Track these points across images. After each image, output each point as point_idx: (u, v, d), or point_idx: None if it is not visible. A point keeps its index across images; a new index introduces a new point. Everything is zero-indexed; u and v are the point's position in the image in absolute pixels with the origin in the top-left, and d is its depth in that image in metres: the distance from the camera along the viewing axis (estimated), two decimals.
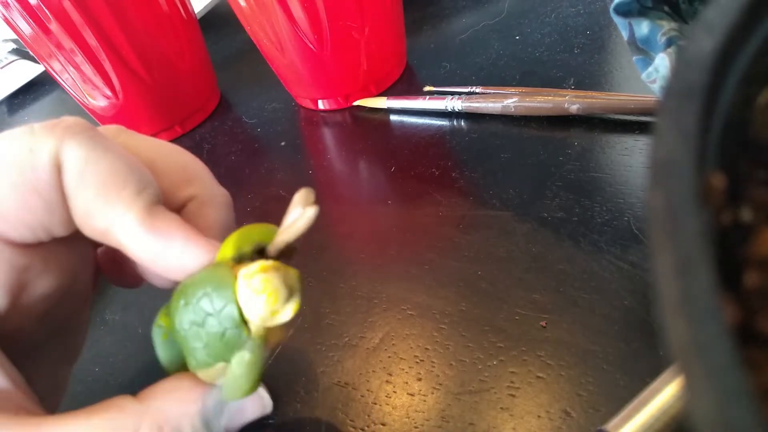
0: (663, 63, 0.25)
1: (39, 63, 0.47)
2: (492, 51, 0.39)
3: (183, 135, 0.43)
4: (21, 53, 0.62)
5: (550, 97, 0.31)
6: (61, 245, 0.18)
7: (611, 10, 0.26)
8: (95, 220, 0.16)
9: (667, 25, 0.25)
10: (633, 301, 0.21)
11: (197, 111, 0.43)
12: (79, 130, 0.16)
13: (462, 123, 0.34)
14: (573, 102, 0.30)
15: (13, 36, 0.42)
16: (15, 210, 0.15)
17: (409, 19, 0.41)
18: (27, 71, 0.60)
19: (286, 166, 0.36)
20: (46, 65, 0.39)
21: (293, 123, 0.40)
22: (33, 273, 0.17)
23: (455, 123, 0.34)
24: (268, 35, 0.36)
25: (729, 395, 0.06)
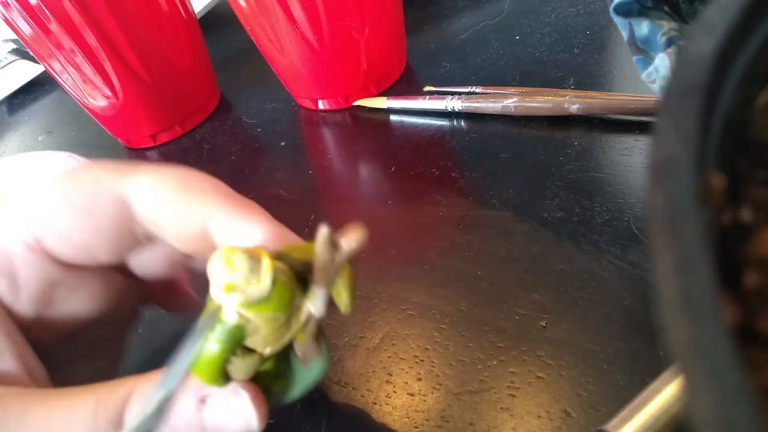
0: (663, 63, 0.25)
1: (39, 63, 0.47)
2: (492, 51, 0.39)
3: (183, 135, 0.43)
4: (21, 53, 0.62)
5: (550, 97, 0.31)
6: (97, 273, 0.18)
7: (611, 10, 0.26)
8: (189, 226, 0.17)
9: (667, 25, 0.25)
10: (633, 301, 0.21)
11: (197, 111, 0.43)
12: (137, 168, 0.17)
13: (462, 123, 0.34)
14: (573, 102, 0.30)
15: (13, 36, 0.42)
16: (67, 228, 0.17)
17: (409, 19, 0.41)
18: (27, 71, 0.60)
19: (286, 166, 0.36)
20: (46, 65, 0.39)
21: (293, 123, 0.40)
22: (63, 290, 0.18)
23: (455, 123, 0.34)
24: (268, 35, 0.36)
25: (729, 395, 0.06)
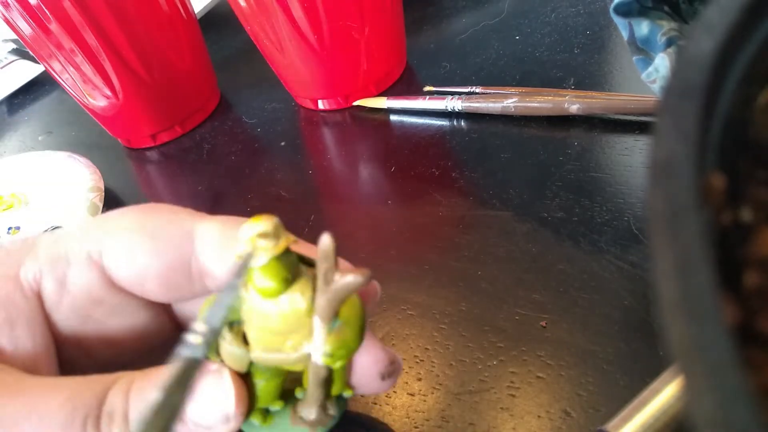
0: (663, 63, 0.25)
1: (39, 63, 0.47)
2: (492, 51, 0.39)
3: (183, 135, 0.43)
4: (21, 53, 0.62)
5: (550, 97, 0.31)
6: (141, 309, 0.19)
7: (611, 10, 0.26)
8: None
9: (667, 25, 0.25)
10: (633, 301, 0.21)
11: (197, 111, 0.43)
12: (211, 215, 0.18)
13: (462, 123, 0.34)
14: (573, 102, 0.30)
15: (13, 36, 0.42)
16: (130, 246, 0.17)
17: (409, 19, 0.41)
18: (27, 71, 0.60)
19: (286, 166, 0.36)
20: (46, 65, 0.39)
21: (293, 123, 0.40)
22: (103, 311, 0.18)
23: (455, 123, 0.34)
24: (268, 35, 0.36)
25: (729, 395, 0.06)
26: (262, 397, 0.17)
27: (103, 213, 0.18)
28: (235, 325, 0.16)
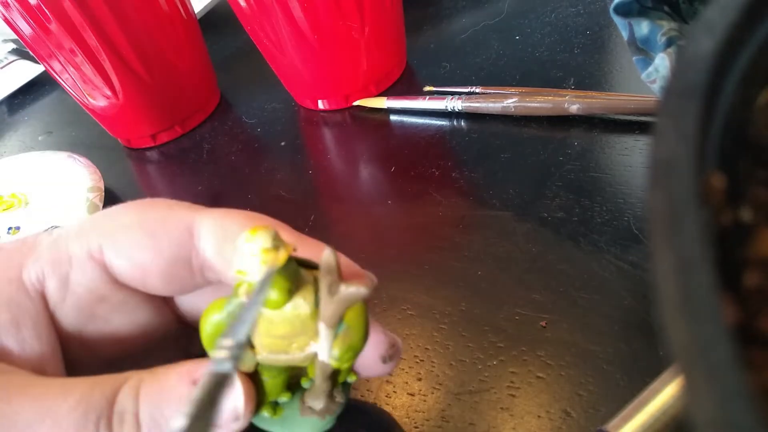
0: (663, 63, 0.25)
1: (39, 63, 0.47)
2: (492, 51, 0.39)
3: (183, 135, 0.43)
4: (21, 53, 0.62)
5: (550, 97, 0.31)
6: (144, 304, 0.19)
7: (611, 10, 0.26)
8: None
9: (667, 25, 0.25)
10: (633, 301, 0.21)
11: (197, 111, 0.43)
12: (208, 208, 0.18)
13: (462, 123, 0.34)
14: (573, 102, 0.30)
15: (13, 36, 0.42)
16: (130, 244, 0.17)
17: (409, 19, 0.41)
18: (27, 71, 0.60)
19: (286, 166, 0.36)
20: (46, 65, 0.39)
21: (293, 123, 0.40)
22: (107, 308, 0.18)
23: (455, 123, 0.34)
24: (268, 35, 0.36)
25: (729, 395, 0.06)
26: (270, 392, 0.17)
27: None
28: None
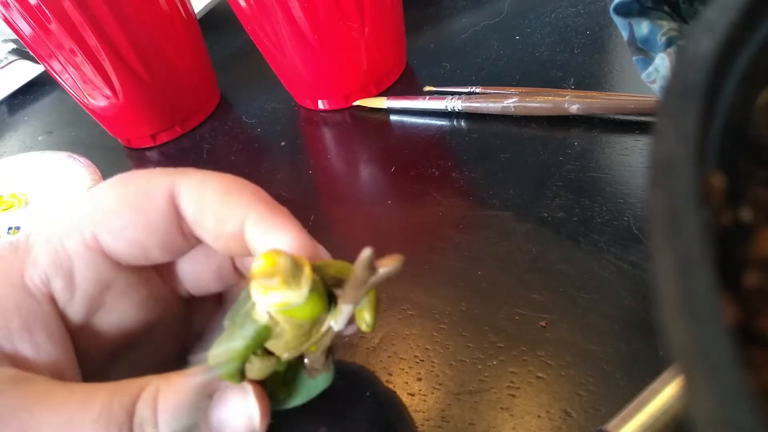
0: (663, 63, 0.25)
1: (39, 63, 0.47)
2: (492, 51, 0.39)
3: (183, 135, 0.43)
4: (21, 53, 0.62)
5: (550, 97, 0.31)
6: (147, 281, 0.19)
7: (611, 10, 0.26)
8: (226, 224, 0.17)
9: (667, 25, 0.25)
10: (633, 301, 0.21)
11: (197, 111, 0.43)
12: (186, 170, 0.19)
13: (462, 123, 0.34)
14: (573, 102, 0.30)
15: (13, 36, 0.42)
16: (121, 226, 0.17)
17: (409, 19, 0.41)
18: (27, 71, 0.60)
19: (286, 166, 0.36)
20: (46, 65, 0.39)
21: (293, 123, 0.40)
22: (114, 293, 0.18)
23: (455, 123, 0.34)
24: (268, 35, 0.36)
25: (729, 395, 0.06)
26: (278, 380, 0.17)
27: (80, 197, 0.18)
28: (258, 350, 0.16)
